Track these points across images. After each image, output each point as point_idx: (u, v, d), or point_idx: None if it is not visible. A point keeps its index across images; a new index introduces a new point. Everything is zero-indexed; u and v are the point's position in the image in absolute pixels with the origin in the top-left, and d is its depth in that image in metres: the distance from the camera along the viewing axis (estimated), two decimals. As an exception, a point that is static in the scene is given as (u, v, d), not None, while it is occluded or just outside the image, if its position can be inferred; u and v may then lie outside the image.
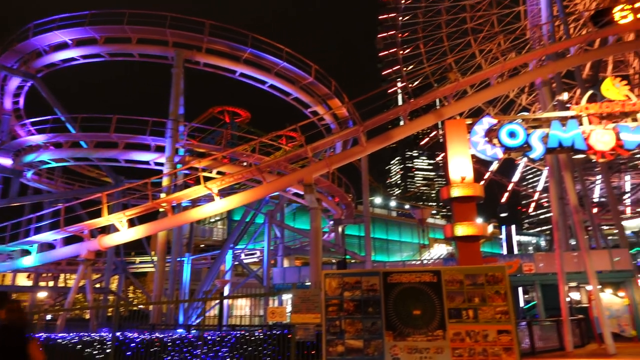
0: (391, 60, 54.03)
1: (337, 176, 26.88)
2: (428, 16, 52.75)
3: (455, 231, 16.21)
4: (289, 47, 23.91)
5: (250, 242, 34.35)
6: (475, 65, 52.24)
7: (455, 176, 17.01)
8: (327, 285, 9.18)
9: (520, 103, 54.51)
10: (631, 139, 16.65)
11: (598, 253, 25.81)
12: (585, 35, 27.33)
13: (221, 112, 38.78)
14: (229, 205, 18.87)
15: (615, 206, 35.48)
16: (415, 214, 32.06)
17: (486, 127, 17.36)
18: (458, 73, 49.12)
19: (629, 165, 51.11)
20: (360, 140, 18.66)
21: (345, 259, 25.39)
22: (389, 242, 61.88)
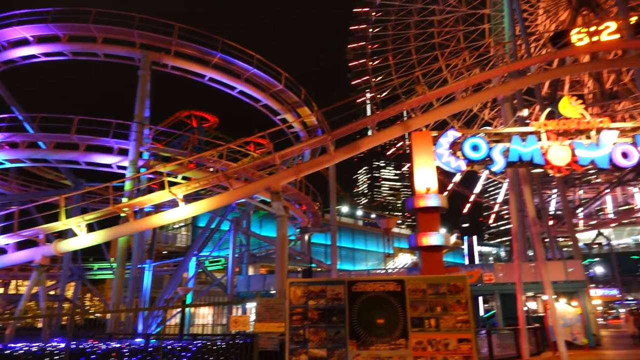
0: (360, 70, 54.90)
1: (304, 184, 26.90)
2: (397, 29, 54.05)
3: (420, 241, 16.51)
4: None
5: (215, 249, 33.80)
6: (441, 79, 53.80)
7: (420, 187, 17.36)
8: (292, 294, 9.13)
9: (483, 117, 56.45)
10: (585, 155, 17.50)
11: (554, 264, 26.86)
12: (545, 55, 28.62)
13: (188, 117, 38.14)
14: (194, 212, 18.53)
15: (570, 219, 37.07)
16: (381, 223, 32.41)
17: (451, 140, 17.84)
18: (425, 86, 50.32)
19: (582, 180, 53.60)
20: (329, 149, 18.76)
21: (310, 268, 25.39)
22: (355, 251, 62.28)
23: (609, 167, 17.78)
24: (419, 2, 53.06)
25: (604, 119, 18.32)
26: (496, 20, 50.36)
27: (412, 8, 53.31)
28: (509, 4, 42.18)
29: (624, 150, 17.50)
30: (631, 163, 17.55)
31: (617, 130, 17.89)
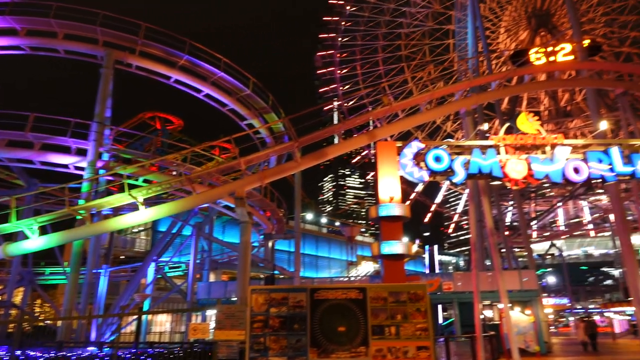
0: (329, 78, 55.43)
1: (269, 190, 26.76)
2: (366, 40, 54.97)
3: (382, 249, 16.73)
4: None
5: (175, 254, 32.98)
6: (407, 90, 55.00)
7: (384, 196, 17.63)
8: (254, 301, 9.03)
9: (445, 129, 58.08)
10: (540, 170, 18.28)
11: (509, 273, 27.79)
12: (505, 72, 29.82)
13: (152, 118, 37.20)
14: (155, 216, 18.05)
15: (525, 230, 38.56)
16: (345, 231, 32.67)
17: (415, 150, 18.24)
18: (391, 97, 51.29)
19: (537, 193, 55.94)
20: (295, 155, 18.78)
21: (273, 275, 25.21)
22: (319, 258, 62.30)
23: (562, 181, 18.65)
24: (388, 14, 54.20)
25: (558, 135, 19.23)
26: (460, 37, 52.10)
27: (380, 20, 54.40)
28: (472, 21, 43.81)
29: (576, 165, 18.42)
30: (582, 178, 18.48)
31: (569, 147, 18.81)
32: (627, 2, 49.34)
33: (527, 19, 53.35)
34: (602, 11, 51.34)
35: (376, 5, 53.95)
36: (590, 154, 18.72)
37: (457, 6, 50.86)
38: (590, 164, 18.47)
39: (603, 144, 19.56)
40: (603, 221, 61.92)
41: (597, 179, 18.84)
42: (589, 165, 18.43)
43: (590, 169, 18.41)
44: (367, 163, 59.61)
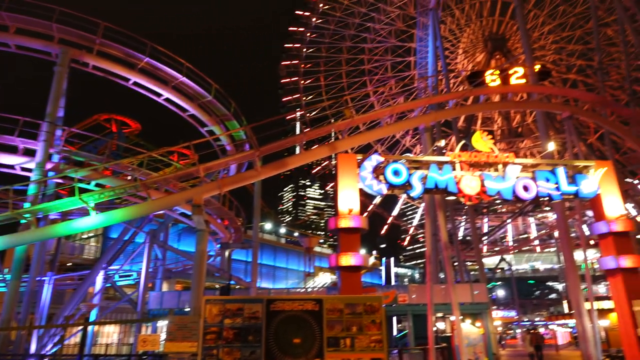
0: (292, 88, 55.65)
1: (228, 199, 26.37)
2: (330, 52, 55.72)
3: (340, 261, 16.82)
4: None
5: (127, 262, 31.75)
6: (368, 104, 56.09)
7: (343, 208, 17.79)
8: (208, 312, 8.83)
9: (404, 143, 59.49)
10: (493, 187, 19.06)
11: (461, 286, 28.60)
12: (462, 92, 30.99)
13: (108, 120, 35.90)
14: (106, 222, 17.36)
15: (477, 245, 39.87)
16: (303, 242, 32.53)
17: (374, 163, 18.57)
18: (353, 110, 52.10)
19: (489, 209, 58.13)
20: (255, 164, 18.64)
21: (229, 285, 24.74)
22: (276, 268, 61.79)
23: (512, 198, 19.52)
24: (353, 29, 55.23)
25: (510, 154, 20.16)
26: (421, 55, 53.75)
27: (345, 34, 55.31)
28: (432, 41, 45.33)
29: (525, 184, 19.34)
30: (531, 196, 19.42)
31: (520, 166, 19.75)
32: (574, 33, 52.75)
33: (484, 42, 55.88)
34: (552, 39, 54.61)
35: (341, 19, 54.89)
36: (539, 173, 19.72)
37: (419, 25, 52.55)
38: (538, 182, 19.45)
39: (550, 164, 20.65)
40: (549, 237, 65.09)
41: (544, 197, 19.86)
42: (538, 184, 19.41)
43: (538, 187, 19.38)
44: (327, 174, 60.02)
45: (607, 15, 47.59)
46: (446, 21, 55.30)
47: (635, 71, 42.64)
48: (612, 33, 48.61)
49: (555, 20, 53.46)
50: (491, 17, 54.75)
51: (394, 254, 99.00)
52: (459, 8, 54.71)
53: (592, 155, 37.94)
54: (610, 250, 19.66)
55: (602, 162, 21.44)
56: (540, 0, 53.21)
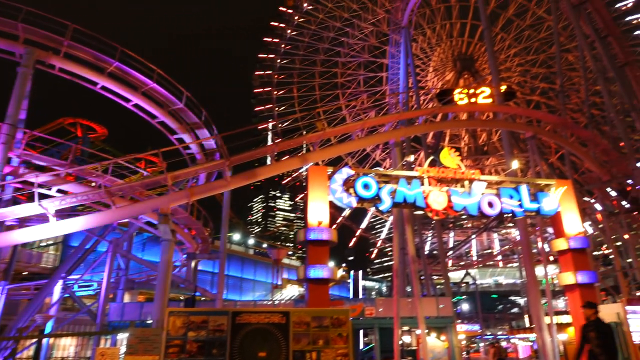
0: (265, 98, 55.63)
1: (196, 208, 25.92)
2: (304, 64, 56.16)
3: (308, 273, 16.76)
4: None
5: (88, 272, 30.60)
6: (340, 117, 56.62)
7: (313, 220, 17.79)
8: (171, 324, 8.60)
9: (374, 157, 60.26)
10: (459, 202, 19.51)
11: (427, 300, 28.92)
12: (432, 108, 31.78)
13: (73, 124, 34.86)
14: (67, 229, 16.72)
15: (444, 259, 40.56)
16: (271, 253, 32.30)
17: (345, 177, 18.71)
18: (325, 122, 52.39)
19: (456, 224, 59.35)
20: (225, 174, 18.45)
21: (194, 296, 24.19)
22: (243, 280, 60.88)
23: (477, 214, 20.02)
24: (327, 42, 55.90)
25: (476, 171, 20.74)
26: (393, 71, 54.90)
27: (319, 47, 55.91)
28: (404, 58, 46.42)
29: (490, 200, 19.89)
30: (495, 212, 19.97)
31: (485, 182, 20.32)
32: (538, 57, 55.21)
33: (453, 61, 57.63)
34: (518, 62, 56.92)
35: (316, 33, 55.52)
36: (503, 190, 20.34)
37: (392, 42, 53.74)
38: (502, 199, 20.04)
39: (514, 182, 21.35)
40: (511, 253, 66.94)
41: (508, 214, 20.47)
42: (502, 201, 20.00)
43: (502, 204, 19.97)
44: (297, 185, 60.01)
45: (569, 42, 50.06)
46: (418, 40, 56.83)
47: (593, 95, 44.87)
48: (572, 59, 51.10)
49: (521, 44, 55.83)
50: (461, 38, 56.65)
51: (362, 266, 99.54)
52: (430, 27, 56.37)
53: (553, 174, 39.47)
54: (569, 266, 20.40)
55: (562, 181, 22.33)
56: (507, 24, 55.57)
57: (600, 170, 33.92)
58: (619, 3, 48.46)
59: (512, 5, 54.36)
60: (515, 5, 54.29)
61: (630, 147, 34.66)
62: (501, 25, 55.59)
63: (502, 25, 55.60)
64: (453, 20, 55.90)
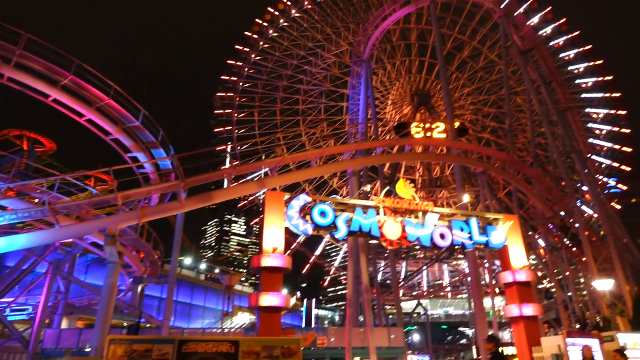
0: (225, 120, 55.19)
1: (146, 230, 25.00)
2: (267, 89, 56.50)
3: (260, 301, 16.41)
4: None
5: (23, 294, 28.53)
6: (300, 143, 57.03)
7: (267, 246, 17.57)
8: (111, 353, 8.12)
9: (332, 184, 60.77)
10: (413, 233, 19.92)
11: (379, 330, 28.96)
12: (389, 140, 32.69)
13: (19, 137, 33.08)
14: (4, 247, 15.63)
15: (397, 289, 40.95)
16: (223, 279, 31.44)
17: (302, 203, 18.71)
18: (284, 148, 52.63)
19: (409, 254, 60.37)
20: (180, 196, 18.02)
21: (139, 323, 22.98)
22: (192, 306, 58.65)
23: (430, 245, 20.49)
24: (290, 69, 56.71)
25: (429, 203, 21.33)
26: (353, 102, 56.26)
27: (282, 73, 56.59)
28: (364, 90, 47.81)
29: (442, 232, 20.45)
30: (446, 243, 20.53)
31: (438, 214, 20.91)
32: (489, 97, 58.48)
33: (411, 96, 59.94)
34: (470, 101, 59.97)
35: (280, 59, 56.27)
36: (454, 223, 20.99)
37: (353, 74, 55.28)
38: (454, 231, 20.66)
39: (465, 215, 22.11)
40: (461, 284, 68.59)
41: (458, 245, 21.08)
42: (453, 233, 20.61)
43: (453, 235, 20.57)
44: (254, 210, 59.24)
45: (517, 85, 53.44)
46: (378, 73, 58.81)
47: (538, 136, 47.78)
48: (520, 101, 54.48)
49: (474, 84, 59.03)
50: (419, 75, 59.18)
51: (315, 294, 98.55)
52: (390, 62, 58.57)
53: (501, 209, 41.25)
54: (514, 299, 21.12)
55: (509, 216, 23.35)
56: (462, 65, 58.75)
57: (544, 207, 35.84)
58: (562, 53, 52.63)
59: (466, 47, 57.65)
60: (469, 48, 57.60)
61: (571, 187, 36.94)
62: (456, 65, 58.70)
63: (457, 65, 58.72)
64: (412, 57, 58.44)
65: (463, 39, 57.14)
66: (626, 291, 30.63)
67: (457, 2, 53.54)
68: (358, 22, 55.66)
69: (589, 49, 52.83)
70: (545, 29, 51.69)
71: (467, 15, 54.93)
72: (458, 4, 53.90)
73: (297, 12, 55.99)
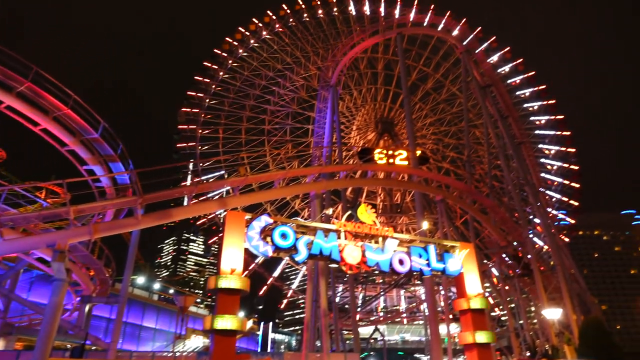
0: (189, 135, 54.26)
1: (99, 246, 23.96)
2: (233, 107, 56.24)
3: (215, 324, 15.94)
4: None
5: (-45, 312, 26.45)
6: (264, 163, 56.81)
7: (226, 267, 17.19)
8: (51, 378, 7.62)
9: (294, 206, 60.56)
10: (372, 258, 20.05)
11: (336, 356, 28.62)
12: (352, 165, 33.15)
13: (-35, 143, 31.29)
14: (-63, 261, 14.55)
15: (355, 313, 40.82)
16: (178, 300, 30.30)
17: (263, 224, 18.51)
18: (248, 167, 52.27)
19: (368, 279, 60.56)
20: (137, 212, 17.44)
21: (83, 345, 21.75)
22: (143, 328, 56.11)
23: (389, 270, 20.65)
24: (258, 89, 56.89)
25: (390, 228, 21.61)
26: (319, 125, 56.88)
27: (250, 93, 56.65)
28: (330, 114, 48.52)
29: (401, 257, 20.70)
30: (405, 269, 20.76)
31: (398, 240, 21.19)
32: (450, 129, 60.71)
33: (376, 123, 61.30)
34: (432, 131, 61.96)
35: (248, 79, 56.41)
36: (413, 249, 21.31)
37: (320, 98, 56.11)
38: (412, 257, 20.96)
39: (424, 241, 22.51)
40: (417, 310, 69.18)
41: (416, 272, 21.36)
42: (412, 259, 20.90)
43: (412, 262, 20.86)
44: (213, 229, 57.99)
45: (477, 119, 55.81)
46: (345, 98, 59.93)
47: (495, 168, 49.76)
48: (479, 134, 56.78)
49: (436, 115, 61.18)
50: (384, 103, 60.73)
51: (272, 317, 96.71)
52: (357, 89, 59.88)
53: (458, 237, 42.34)
54: (469, 326, 21.49)
55: (465, 244, 23.96)
56: (425, 96, 60.84)
57: (498, 236, 37.06)
58: (518, 91, 55.70)
59: (430, 80, 59.93)
60: (433, 80, 59.91)
61: (524, 218, 38.49)
62: (420, 96, 60.76)
63: (421, 96, 60.79)
64: (378, 85, 60.03)
65: (427, 72, 59.41)
66: (573, 320, 31.86)
67: (423, 36, 55.85)
68: (327, 48, 56.89)
69: (543, 88, 56.27)
70: (503, 67, 54.74)
71: (432, 49, 57.40)
72: (424, 38, 56.26)
73: (268, 34, 56.64)
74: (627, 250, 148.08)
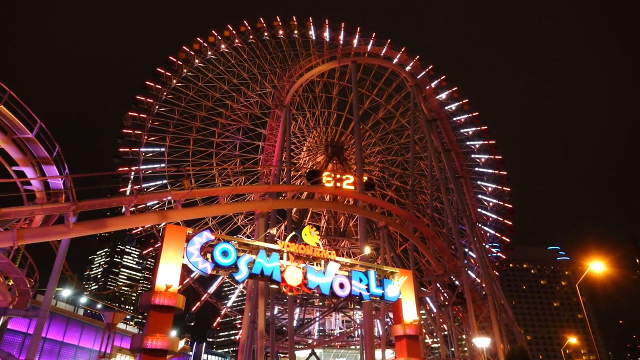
0: (134, 141, 52.04)
1: (22, 254, 22.19)
2: (184, 116, 54.90)
3: (145, 342, 15.15)
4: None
5: None
6: (210, 175, 55.62)
7: (161, 282, 16.50)
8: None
9: (237, 221, 59.46)
10: (313, 280, 20.03)
11: (270, 379, 28.02)
12: (300, 186, 33.22)
13: None
14: None
15: (292, 336, 40.24)
16: (105, 316, 28.57)
17: (204, 241, 18.03)
18: (193, 180, 50.94)
19: (308, 301, 60.18)
20: (68, 220, 16.43)
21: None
22: (64, 345, 52.09)
23: (329, 293, 20.68)
24: (211, 101, 56.08)
25: (332, 251, 21.74)
26: (269, 142, 56.78)
27: (202, 103, 55.71)
28: (282, 134, 48.65)
29: (342, 281, 20.83)
30: (345, 293, 20.87)
31: (339, 264, 21.34)
32: (397, 158, 62.76)
33: (326, 146, 62.10)
34: (380, 159, 63.69)
35: (202, 90, 55.55)
36: (354, 273, 21.53)
37: (273, 116, 56.21)
38: (353, 281, 21.14)
39: (364, 266, 22.82)
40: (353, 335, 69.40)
41: (356, 296, 21.54)
42: (352, 283, 21.08)
43: (352, 286, 21.03)
44: (150, 242, 55.47)
45: (422, 151, 58.13)
46: (297, 119, 60.42)
47: (436, 200, 51.75)
48: (423, 166, 59.06)
49: (385, 144, 63.03)
50: (335, 127, 61.81)
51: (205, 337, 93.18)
52: (310, 111, 60.61)
53: (398, 263, 43.32)
54: (403, 352, 21.84)
55: (404, 271, 24.54)
56: (375, 125, 62.70)
57: (435, 265, 38.28)
58: (462, 129, 58.87)
59: (381, 110, 61.94)
60: (384, 110, 61.96)
61: (461, 250, 40.13)
62: (371, 124, 62.51)
63: (371, 124, 62.56)
64: (331, 109, 61.15)
65: (379, 102, 61.39)
66: (500, 349, 33.25)
67: (378, 67, 57.88)
68: (285, 68, 57.39)
69: (485, 129, 59.73)
70: (450, 105, 57.73)
71: (385, 81, 59.58)
72: (379, 69, 58.31)
73: (227, 48, 56.36)
74: (551, 283, 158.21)
